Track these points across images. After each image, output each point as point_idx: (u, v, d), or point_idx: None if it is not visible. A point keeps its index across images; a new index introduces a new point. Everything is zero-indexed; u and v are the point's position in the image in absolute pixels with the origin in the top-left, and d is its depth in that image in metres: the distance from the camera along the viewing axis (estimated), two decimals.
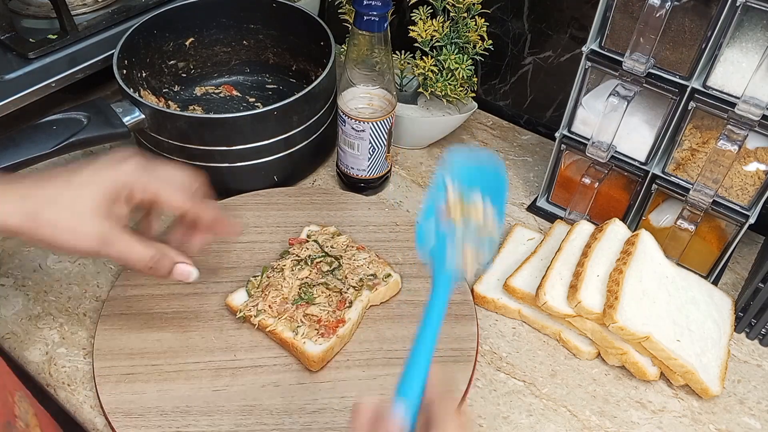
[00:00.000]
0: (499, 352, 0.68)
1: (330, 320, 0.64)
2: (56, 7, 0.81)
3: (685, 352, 0.63)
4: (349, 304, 0.66)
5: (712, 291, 0.72)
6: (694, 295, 0.69)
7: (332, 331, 0.63)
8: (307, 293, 0.66)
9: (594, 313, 0.64)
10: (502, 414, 0.63)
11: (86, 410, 0.61)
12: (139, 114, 0.74)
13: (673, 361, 0.62)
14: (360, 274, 0.69)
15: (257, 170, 0.79)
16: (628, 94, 0.67)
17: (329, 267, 0.69)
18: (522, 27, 0.90)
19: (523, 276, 0.71)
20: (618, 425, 0.63)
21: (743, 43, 0.62)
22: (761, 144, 0.65)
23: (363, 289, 0.67)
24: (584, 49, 0.69)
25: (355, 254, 0.71)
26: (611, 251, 0.70)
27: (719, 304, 0.70)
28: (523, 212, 0.84)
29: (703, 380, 0.62)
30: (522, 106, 0.97)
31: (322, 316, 0.64)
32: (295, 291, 0.66)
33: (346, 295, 0.66)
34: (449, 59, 0.81)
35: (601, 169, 0.75)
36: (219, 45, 0.93)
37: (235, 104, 0.93)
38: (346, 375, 0.63)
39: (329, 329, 0.63)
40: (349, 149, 0.79)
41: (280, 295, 0.66)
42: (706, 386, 0.63)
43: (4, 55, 0.81)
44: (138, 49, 0.83)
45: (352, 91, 0.76)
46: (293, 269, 0.69)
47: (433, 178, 0.50)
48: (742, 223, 0.68)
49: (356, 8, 0.68)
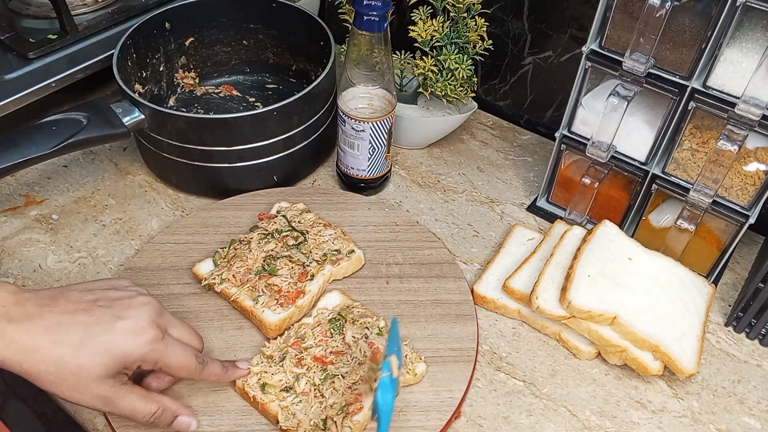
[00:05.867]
0: (499, 352, 0.68)
1: (290, 291, 0.66)
2: (56, 7, 0.81)
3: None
4: (310, 277, 0.67)
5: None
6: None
7: (291, 301, 0.65)
8: (270, 265, 0.68)
9: (585, 311, 0.65)
10: (502, 414, 0.63)
11: (86, 410, 0.61)
12: (139, 114, 0.74)
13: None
14: (324, 249, 0.70)
15: (257, 170, 0.79)
16: (628, 94, 0.67)
17: (295, 241, 0.71)
18: (522, 27, 0.90)
19: (522, 277, 0.71)
20: (618, 425, 0.63)
21: (743, 43, 0.62)
22: (761, 144, 0.65)
23: (326, 264, 0.69)
24: (584, 49, 0.69)
25: (321, 230, 0.72)
26: (602, 252, 0.70)
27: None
28: (523, 212, 0.84)
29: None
30: (522, 106, 0.97)
31: (283, 287, 0.66)
32: (260, 262, 0.68)
33: (309, 269, 0.68)
34: (449, 59, 0.81)
35: (601, 169, 0.75)
36: (219, 45, 0.93)
37: (235, 104, 0.93)
38: None
39: (288, 299, 0.65)
40: (349, 149, 0.79)
41: (244, 265, 0.68)
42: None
43: (4, 55, 0.81)
44: (138, 49, 0.83)
45: (352, 91, 0.76)
46: (260, 242, 0.70)
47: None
48: (742, 223, 0.68)
49: (356, 8, 0.68)
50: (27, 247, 0.75)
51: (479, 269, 0.76)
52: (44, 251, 0.75)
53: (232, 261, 0.69)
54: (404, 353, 0.63)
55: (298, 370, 0.59)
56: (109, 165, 0.86)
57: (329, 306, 0.67)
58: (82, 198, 0.82)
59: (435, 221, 0.82)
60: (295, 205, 0.76)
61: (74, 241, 0.77)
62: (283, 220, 0.73)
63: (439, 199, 0.85)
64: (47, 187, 0.83)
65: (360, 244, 0.73)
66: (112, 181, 0.84)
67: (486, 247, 0.79)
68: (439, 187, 0.86)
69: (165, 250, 0.73)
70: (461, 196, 0.85)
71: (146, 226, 0.79)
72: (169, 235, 0.75)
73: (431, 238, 0.76)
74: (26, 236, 0.76)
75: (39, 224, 0.78)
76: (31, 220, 0.79)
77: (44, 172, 0.84)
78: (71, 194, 0.82)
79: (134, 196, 0.82)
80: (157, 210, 0.81)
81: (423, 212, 0.83)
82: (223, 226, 0.76)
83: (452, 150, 0.92)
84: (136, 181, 0.84)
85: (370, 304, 0.68)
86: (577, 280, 0.67)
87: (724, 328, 0.72)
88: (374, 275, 0.72)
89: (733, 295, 0.75)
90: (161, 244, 0.74)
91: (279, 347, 0.62)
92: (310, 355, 0.61)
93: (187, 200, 0.82)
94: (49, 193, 0.82)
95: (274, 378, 0.59)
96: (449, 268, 0.73)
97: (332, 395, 0.58)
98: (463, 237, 0.80)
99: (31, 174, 0.84)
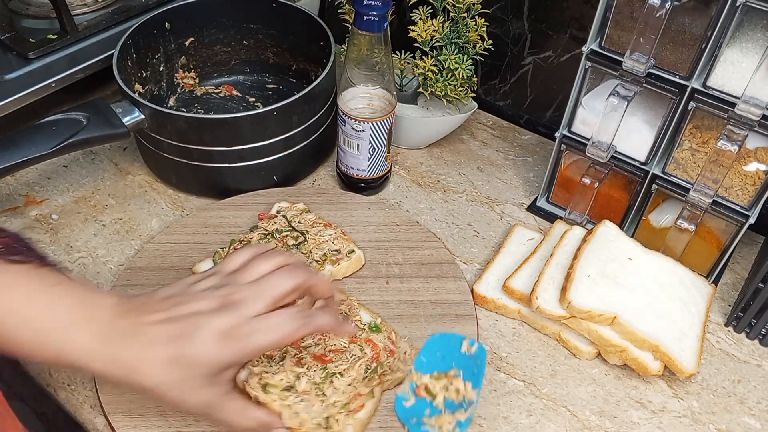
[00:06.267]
0: (499, 352, 0.68)
1: None
2: (56, 7, 0.81)
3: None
4: None
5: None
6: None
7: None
8: None
9: (585, 311, 0.65)
10: (502, 414, 0.63)
11: (86, 410, 0.61)
12: (139, 114, 0.74)
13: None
14: (324, 249, 0.70)
15: (257, 170, 0.79)
16: (628, 94, 0.67)
17: (295, 241, 0.71)
18: (522, 27, 0.90)
19: (522, 277, 0.71)
20: (618, 425, 0.63)
21: (743, 43, 0.62)
22: (761, 144, 0.65)
23: (326, 264, 0.69)
24: (584, 49, 0.69)
25: (321, 230, 0.72)
26: (602, 252, 0.70)
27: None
28: (523, 212, 0.84)
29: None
30: (522, 106, 0.97)
31: None
32: None
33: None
34: (449, 59, 0.81)
35: (601, 169, 0.75)
36: (219, 45, 0.93)
37: (235, 104, 0.93)
38: None
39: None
40: (349, 149, 0.79)
41: None
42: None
43: (4, 55, 0.81)
44: (138, 49, 0.83)
45: (352, 91, 0.76)
46: (260, 242, 0.70)
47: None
48: (742, 223, 0.68)
49: (356, 8, 0.68)
50: None
51: (479, 269, 0.76)
52: (44, 251, 0.75)
53: None
54: (404, 350, 0.63)
55: (298, 369, 0.59)
56: (109, 165, 0.86)
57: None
58: (82, 198, 0.82)
59: (435, 221, 0.82)
60: (295, 205, 0.76)
61: (74, 241, 0.77)
62: (283, 220, 0.73)
63: (439, 199, 0.85)
64: (47, 187, 0.83)
65: (360, 244, 0.73)
66: (112, 181, 0.84)
67: (486, 247, 0.79)
68: (439, 187, 0.86)
69: (165, 250, 0.73)
70: (461, 196, 0.85)
71: (146, 226, 0.79)
72: (169, 235, 0.75)
73: (431, 238, 0.76)
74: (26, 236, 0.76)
75: (39, 224, 0.78)
76: (31, 220, 0.79)
77: (44, 172, 0.84)
78: (71, 194, 0.82)
79: (134, 196, 0.82)
80: (157, 210, 0.81)
81: (423, 212, 0.83)
82: (223, 226, 0.76)
83: (452, 150, 0.92)
84: (136, 181, 0.84)
85: (370, 304, 0.68)
86: (577, 280, 0.67)
87: (724, 328, 0.72)
88: (374, 275, 0.72)
89: (733, 295, 0.75)
90: (161, 244, 0.74)
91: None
92: (310, 354, 0.60)
93: (187, 200, 0.82)
94: (49, 193, 0.82)
95: (275, 378, 0.59)
96: (449, 268, 0.73)
97: (333, 394, 0.58)
98: (463, 237, 0.80)
99: (31, 174, 0.84)
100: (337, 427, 0.56)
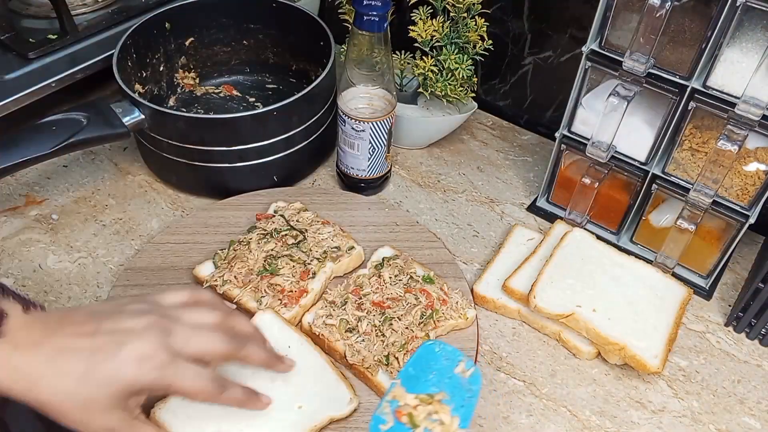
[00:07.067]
0: (499, 352, 0.68)
1: (293, 290, 0.66)
2: (56, 7, 0.81)
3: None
4: (312, 275, 0.68)
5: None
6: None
7: (295, 301, 0.66)
8: (271, 265, 0.68)
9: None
10: (502, 414, 0.63)
11: None
12: (139, 114, 0.74)
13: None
14: (324, 246, 0.71)
15: (257, 170, 0.79)
16: (628, 94, 0.67)
17: (294, 240, 0.71)
18: (522, 27, 0.90)
19: (522, 277, 0.71)
20: (618, 425, 0.63)
21: (743, 43, 0.61)
22: (761, 144, 0.65)
23: (326, 261, 0.70)
24: (584, 49, 0.69)
25: (319, 228, 0.73)
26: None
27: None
28: (523, 212, 0.84)
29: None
30: (522, 106, 0.97)
31: (286, 286, 0.66)
32: (261, 263, 0.69)
33: (310, 267, 0.69)
34: (449, 59, 0.81)
35: (601, 169, 0.75)
36: (219, 45, 0.93)
37: (235, 104, 0.93)
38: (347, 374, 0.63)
39: (292, 299, 0.66)
40: (349, 149, 0.79)
41: (245, 266, 0.68)
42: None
43: (4, 55, 0.81)
44: (138, 49, 0.83)
45: (352, 91, 0.76)
46: (259, 242, 0.71)
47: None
48: (742, 223, 0.68)
49: (356, 8, 0.68)
50: (27, 247, 0.75)
51: (479, 269, 0.76)
52: (44, 251, 0.75)
53: (233, 262, 0.69)
54: (455, 300, 0.67)
55: (359, 313, 0.64)
56: (109, 165, 0.86)
57: (379, 258, 0.71)
58: (82, 198, 0.82)
59: (435, 221, 0.82)
60: (292, 204, 0.76)
61: (74, 241, 0.77)
62: (281, 220, 0.73)
63: (439, 199, 0.85)
64: (47, 187, 0.83)
65: (360, 244, 0.73)
66: (112, 181, 0.84)
67: (486, 247, 0.79)
68: (439, 187, 0.86)
69: (165, 250, 0.73)
70: (461, 196, 0.85)
71: (146, 226, 0.79)
72: (169, 235, 0.75)
73: (431, 238, 0.76)
74: (26, 236, 0.76)
75: (39, 224, 0.78)
76: (31, 220, 0.79)
77: (44, 172, 0.84)
78: (71, 194, 0.82)
79: (134, 196, 0.82)
80: (157, 210, 0.81)
81: (423, 212, 0.83)
82: (223, 226, 0.76)
83: (452, 150, 0.92)
84: (136, 181, 0.84)
85: None
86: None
87: (724, 328, 0.72)
88: None
89: (733, 295, 0.75)
90: (161, 244, 0.74)
91: (340, 294, 0.67)
92: (369, 301, 0.65)
93: (187, 200, 0.82)
94: (49, 193, 0.82)
95: (338, 320, 0.63)
96: (449, 268, 0.73)
97: (392, 335, 0.63)
98: (463, 237, 0.80)
99: (31, 174, 0.84)
100: (397, 365, 0.61)
